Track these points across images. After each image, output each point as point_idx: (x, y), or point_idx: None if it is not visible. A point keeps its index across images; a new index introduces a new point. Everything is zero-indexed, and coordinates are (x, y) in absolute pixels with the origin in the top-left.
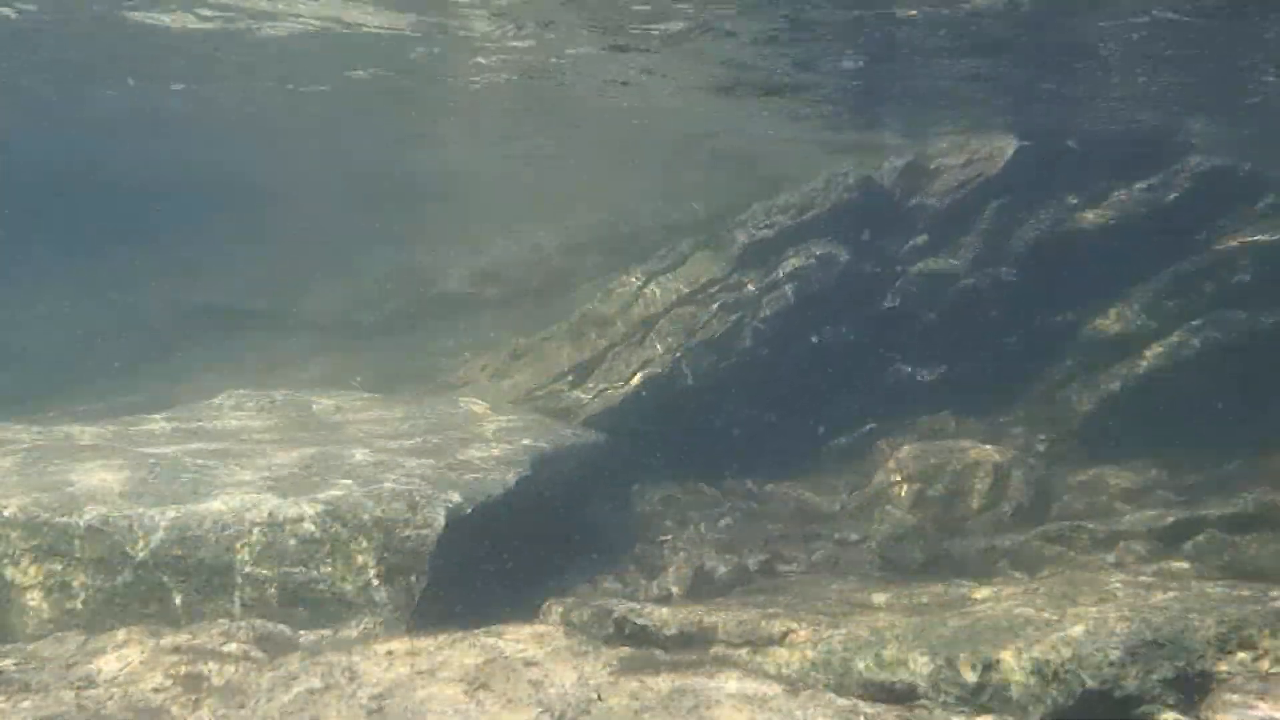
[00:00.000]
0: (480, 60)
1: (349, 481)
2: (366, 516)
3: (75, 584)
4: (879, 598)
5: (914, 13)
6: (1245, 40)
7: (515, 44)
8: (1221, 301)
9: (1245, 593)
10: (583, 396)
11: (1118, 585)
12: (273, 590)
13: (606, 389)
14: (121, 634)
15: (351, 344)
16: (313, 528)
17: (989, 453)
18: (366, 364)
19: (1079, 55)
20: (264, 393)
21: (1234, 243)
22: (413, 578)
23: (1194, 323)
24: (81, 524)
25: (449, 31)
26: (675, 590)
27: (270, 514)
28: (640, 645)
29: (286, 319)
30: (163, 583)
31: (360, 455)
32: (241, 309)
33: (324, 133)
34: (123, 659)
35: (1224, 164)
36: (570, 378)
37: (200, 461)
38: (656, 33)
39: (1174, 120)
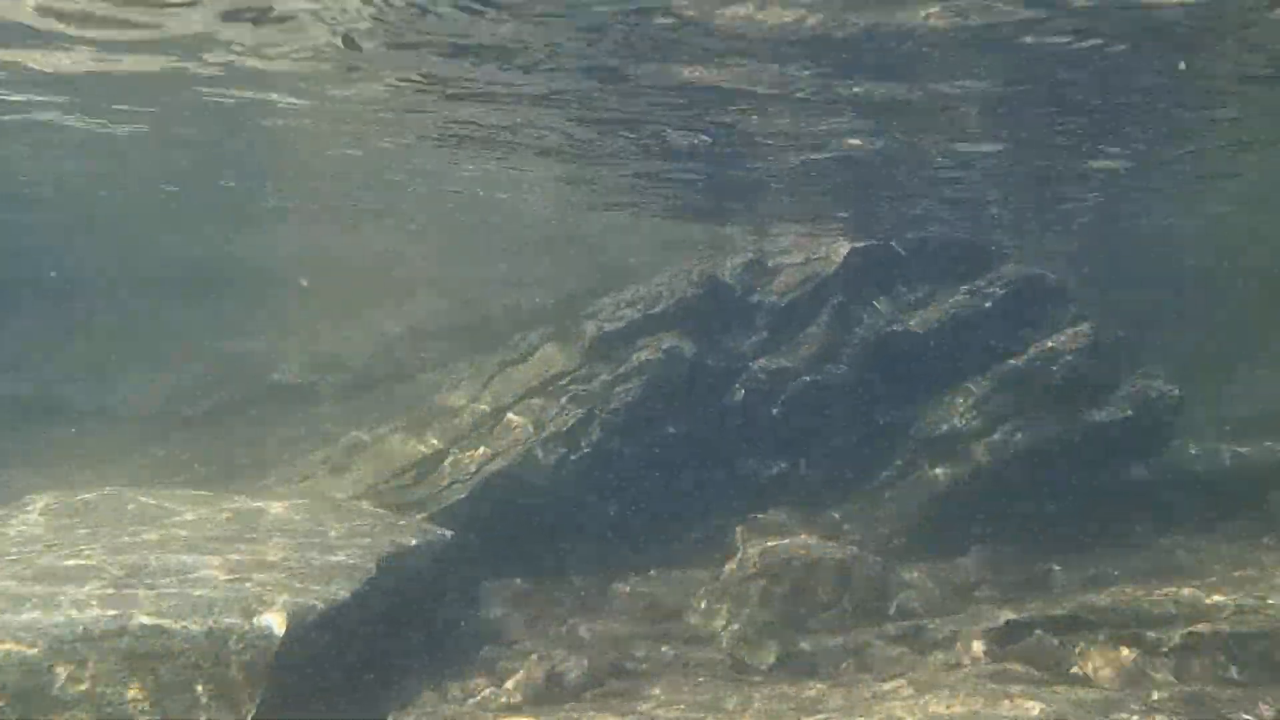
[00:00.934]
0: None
1: (175, 589)
2: (196, 627)
3: None
4: (731, 701)
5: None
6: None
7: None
8: (1036, 404)
9: (1086, 697)
10: (428, 491)
11: (969, 692)
12: (85, 716)
13: (453, 483)
14: None
15: (176, 437)
16: (133, 642)
17: (832, 549)
18: (194, 459)
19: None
20: (74, 494)
21: (1045, 347)
22: (247, 694)
23: (1011, 424)
24: None
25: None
26: (526, 696)
27: (86, 628)
28: None
29: (104, 411)
30: None
31: (187, 559)
32: (54, 400)
33: (146, 213)
34: None
35: (1035, 273)
36: (415, 472)
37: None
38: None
39: (991, 231)
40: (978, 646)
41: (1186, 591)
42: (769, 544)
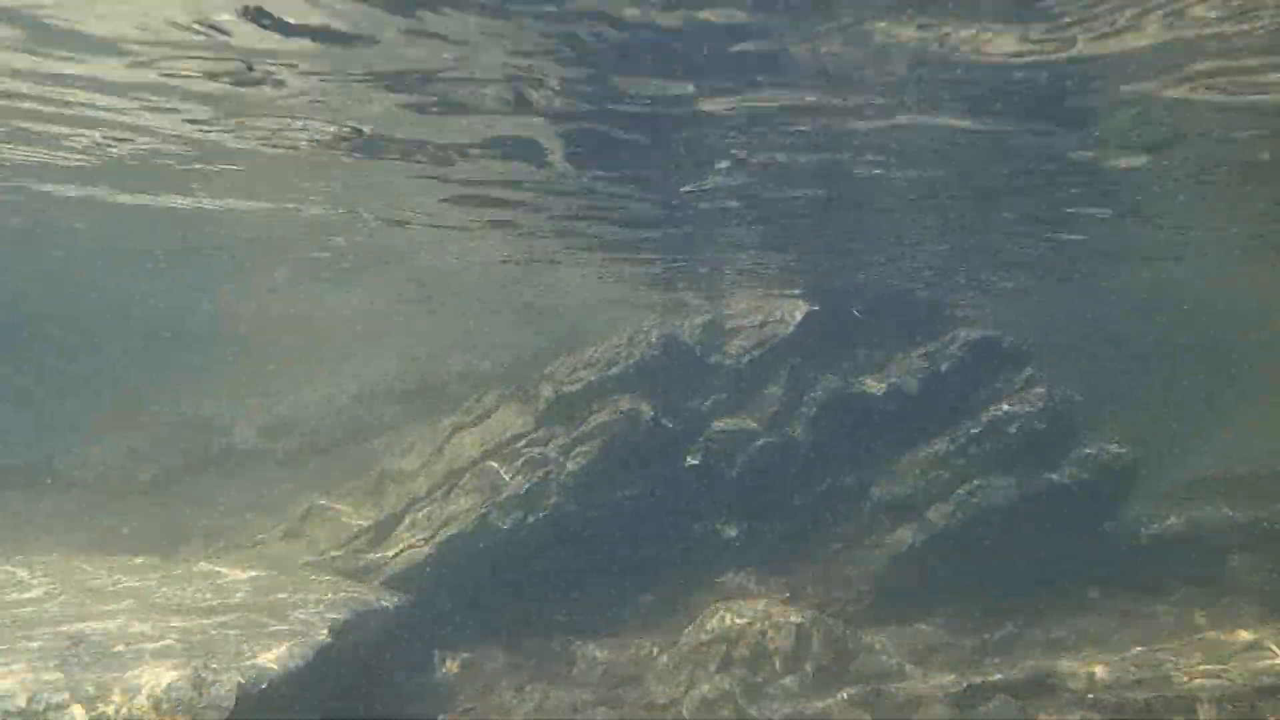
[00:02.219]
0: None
1: (123, 659)
2: (143, 698)
3: None
4: None
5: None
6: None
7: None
8: (992, 467)
9: None
10: (383, 556)
11: None
12: None
13: (408, 548)
14: None
15: (126, 502)
16: (80, 711)
17: (791, 613)
18: (143, 524)
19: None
20: (16, 565)
21: (1001, 410)
22: None
23: (969, 486)
24: None
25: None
26: None
27: (30, 700)
28: None
29: (49, 476)
30: None
31: (136, 628)
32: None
33: (98, 272)
34: None
35: (990, 335)
36: (370, 536)
37: None
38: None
39: (946, 293)
40: (939, 710)
41: (1146, 655)
42: (728, 608)
